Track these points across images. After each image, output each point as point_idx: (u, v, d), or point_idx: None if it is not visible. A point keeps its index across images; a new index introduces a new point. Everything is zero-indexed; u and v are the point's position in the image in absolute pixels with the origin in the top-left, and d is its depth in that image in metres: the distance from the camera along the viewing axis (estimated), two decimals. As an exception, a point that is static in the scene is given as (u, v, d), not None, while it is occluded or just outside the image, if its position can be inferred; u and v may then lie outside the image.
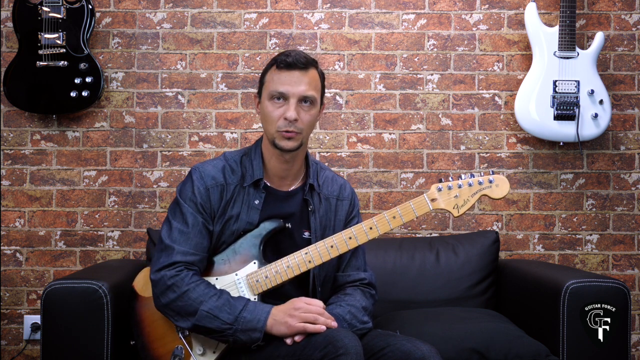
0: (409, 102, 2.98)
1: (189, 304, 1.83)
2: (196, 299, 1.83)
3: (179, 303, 1.84)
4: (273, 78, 1.93)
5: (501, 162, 2.98)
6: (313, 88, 1.93)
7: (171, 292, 1.85)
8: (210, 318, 1.81)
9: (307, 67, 1.92)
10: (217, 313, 1.81)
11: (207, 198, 1.95)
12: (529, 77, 2.88)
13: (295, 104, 1.90)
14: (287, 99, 1.91)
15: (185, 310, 1.84)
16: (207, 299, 1.83)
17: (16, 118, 2.96)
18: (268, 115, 1.93)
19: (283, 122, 1.91)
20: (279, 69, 1.92)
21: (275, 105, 1.92)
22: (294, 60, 1.90)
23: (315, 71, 1.95)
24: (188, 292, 1.84)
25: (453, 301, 2.60)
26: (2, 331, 2.93)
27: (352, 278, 2.04)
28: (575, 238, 2.98)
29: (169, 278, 1.86)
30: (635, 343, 2.97)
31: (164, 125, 2.97)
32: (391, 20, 2.99)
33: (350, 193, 2.12)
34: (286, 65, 1.91)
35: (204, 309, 1.82)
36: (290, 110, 1.89)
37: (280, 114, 1.91)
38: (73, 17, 2.85)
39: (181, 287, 1.85)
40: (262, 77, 1.98)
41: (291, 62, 1.90)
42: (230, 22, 2.98)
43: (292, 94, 1.90)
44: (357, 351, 1.67)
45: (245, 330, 1.79)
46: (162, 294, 1.87)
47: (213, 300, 1.83)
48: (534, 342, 2.16)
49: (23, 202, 2.95)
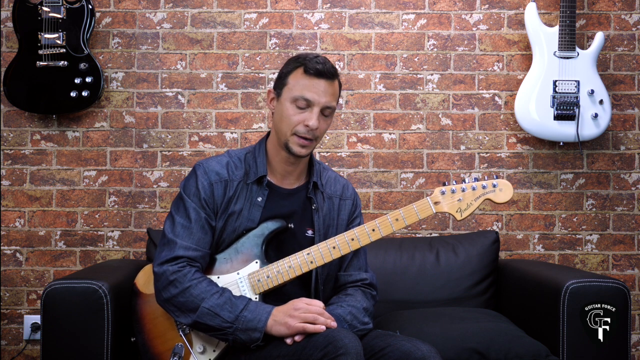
0: (409, 102, 2.98)
1: (191, 300, 1.84)
2: (198, 296, 1.83)
3: (180, 299, 1.85)
4: (299, 82, 1.91)
5: (501, 162, 2.98)
6: (335, 99, 1.95)
7: (173, 288, 1.86)
8: (212, 315, 1.81)
9: (333, 77, 1.93)
10: (219, 311, 1.81)
11: (211, 193, 1.96)
12: (529, 77, 2.88)
13: (318, 113, 1.90)
14: (312, 106, 1.90)
15: (186, 306, 1.84)
16: (209, 296, 1.83)
17: (16, 118, 2.96)
18: (287, 118, 1.92)
19: (303, 129, 1.91)
20: (307, 74, 1.90)
21: (298, 110, 1.91)
22: (324, 69, 1.90)
23: (338, 82, 1.96)
24: (190, 289, 1.84)
25: (453, 301, 2.60)
26: (2, 331, 2.93)
27: (354, 278, 2.05)
28: (575, 238, 2.98)
29: (171, 273, 1.86)
30: (635, 343, 2.97)
31: (164, 125, 2.97)
32: (391, 20, 2.99)
33: (353, 193, 2.13)
34: (316, 73, 1.89)
35: (205, 306, 1.82)
36: (313, 119, 1.89)
37: (301, 120, 1.90)
38: (73, 17, 2.85)
39: (183, 283, 1.85)
40: (286, 76, 1.95)
41: (322, 71, 1.89)
42: (230, 22, 2.98)
43: (317, 102, 1.90)
44: (357, 351, 1.67)
45: (245, 329, 1.80)
46: (164, 288, 1.87)
47: (215, 298, 1.83)
48: (534, 342, 2.16)
49: (23, 202, 2.95)
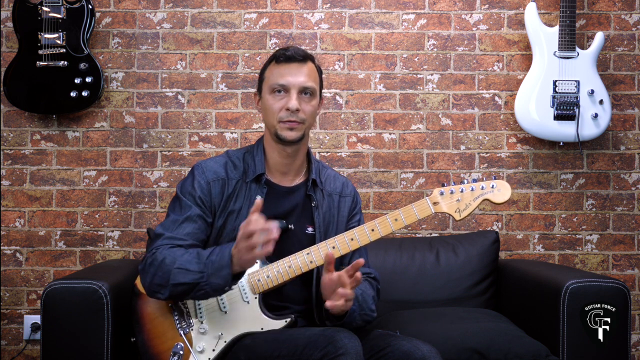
0: (409, 102, 2.98)
1: (166, 270, 1.84)
2: (171, 263, 1.84)
3: (158, 273, 1.85)
4: (273, 72, 1.98)
5: (501, 162, 2.98)
6: (312, 80, 1.98)
7: (151, 268, 1.86)
8: (183, 272, 1.81)
9: (305, 60, 1.98)
10: (187, 266, 1.82)
11: (208, 192, 1.97)
12: (529, 77, 2.88)
13: (296, 95, 1.94)
14: (288, 90, 1.94)
15: (164, 277, 1.84)
16: (179, 257, 1.84)
17: (16, 118, 2.96)
18: (269, 108, 1.96)
19: (285, 113, 1.94)
20: (278, 63, 1.97)
21: (277, 98, 1.96)
22: (293, 53, 1.96)
23: (312, 64, 2.00)
24: (164, 260, 1.85)
25: (453, 301, 2.60)
26: (2, 331, 2.93)
27: (360, 272, 2.04)
28: (575, 238, 2.98)
29: (149, 257, 1.88)
30: (635, 343, 2.97)
31: (164, 125, 2.97)
32: (391, 20, 2.99)
33: (352, 190, 2.14)
34: (285, 59, 1.96)
35: (175, 267, 1.82)
36: (292, 100, 1.93)
37: (282, 106, 1.94)
38: (73, 17, 2.85)
39: (158, 259, 1.86)
40: (262, 73, 2.03)
41: (290, 55, 1.96)
42: (230, 22, 2.98)
43: (292, 85, 1.94)
44: (357, 351, 1.68)
45: (215, 272, 1.79)
46: (145, 273, 1.88)
47: (184, 258, 1.84)
48: (534, 342, 2.16)
49: (23, 202, 2.95)
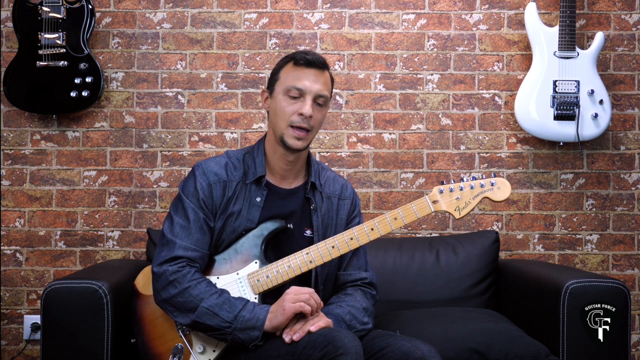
0: (409, 102, 2.98)
1: (190, 300, 1.84)
2: (197, 296, 1.84)
3: (179, 299, 1.85)
4: (290, 74, 1.95)
5: (501, 162, 2.98)
6: (327, 89, 1.97)
7: (172, 288, 1.86)
8: (210, 315, 1.82)
9: (324, 68, 1.97)
10: (217, 311, 1.82)
11: (210, 194, 1.96)
12: (529, 77, 2.88)
13: (310, 101, 1.93)
14: (304, 95, 1.93)
15: (185, 306, 1.84)
16: (208, 296, 1.84)
17: (16, 118, 2.96)
18: (282, 110, 1.94)
19: (298, 118, 1.92)
20: (297, 66, 1.94)
21: (290, 101, 1.94)
22: (314, 58, 1.94)
23: (329, 74, 2.00)
24: (189, 289, 1.84)
25: (453, 301, 2.60)
26: (2, 331, 2.93)
27: (354, 277, 2.05)
28: (575, 238, 2.98)
29: (171, 273, 1.87)
30: (635, 343, 2.97)
31: (164, 125, 2.97)
32: (391, 20, 2.99)
33: (352, 193, 2.13)
34: (306, 63, 1.93)
35: (204, 306, 1.82)
36: (307, 107, 1.91)
37: (295, 110, 1.93)
38: (73, 17, 2.85)
39: (182, 284, 1.85)
40: (276, 72, 1.99)
41: (311, 60, 1.94)
42: (230, 22, 2.98)
43: (309, 90, 1.93)
44: (357, 351, 1.67)
45: (244, 328, 1.80)
46: (163, 288, 1.87)
47: (214, 298, 1.83)
48: (534, 342, 2.15)
49: (23, 202, 2.95)
